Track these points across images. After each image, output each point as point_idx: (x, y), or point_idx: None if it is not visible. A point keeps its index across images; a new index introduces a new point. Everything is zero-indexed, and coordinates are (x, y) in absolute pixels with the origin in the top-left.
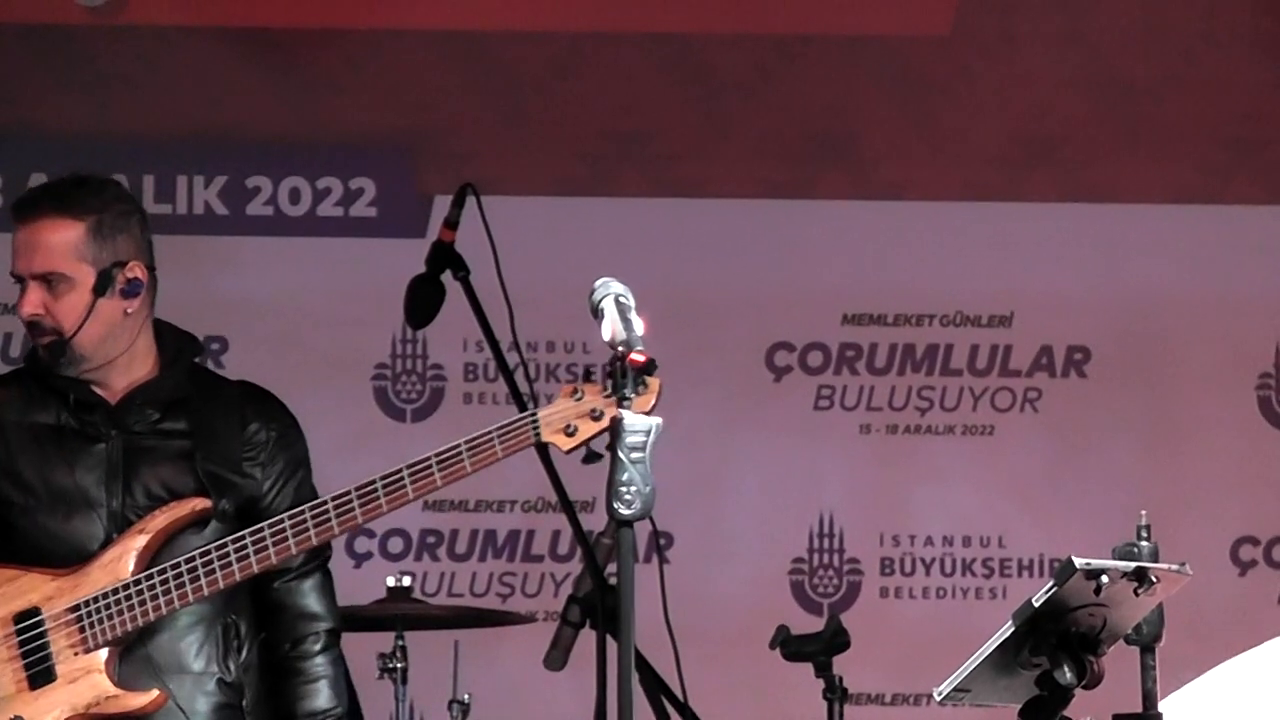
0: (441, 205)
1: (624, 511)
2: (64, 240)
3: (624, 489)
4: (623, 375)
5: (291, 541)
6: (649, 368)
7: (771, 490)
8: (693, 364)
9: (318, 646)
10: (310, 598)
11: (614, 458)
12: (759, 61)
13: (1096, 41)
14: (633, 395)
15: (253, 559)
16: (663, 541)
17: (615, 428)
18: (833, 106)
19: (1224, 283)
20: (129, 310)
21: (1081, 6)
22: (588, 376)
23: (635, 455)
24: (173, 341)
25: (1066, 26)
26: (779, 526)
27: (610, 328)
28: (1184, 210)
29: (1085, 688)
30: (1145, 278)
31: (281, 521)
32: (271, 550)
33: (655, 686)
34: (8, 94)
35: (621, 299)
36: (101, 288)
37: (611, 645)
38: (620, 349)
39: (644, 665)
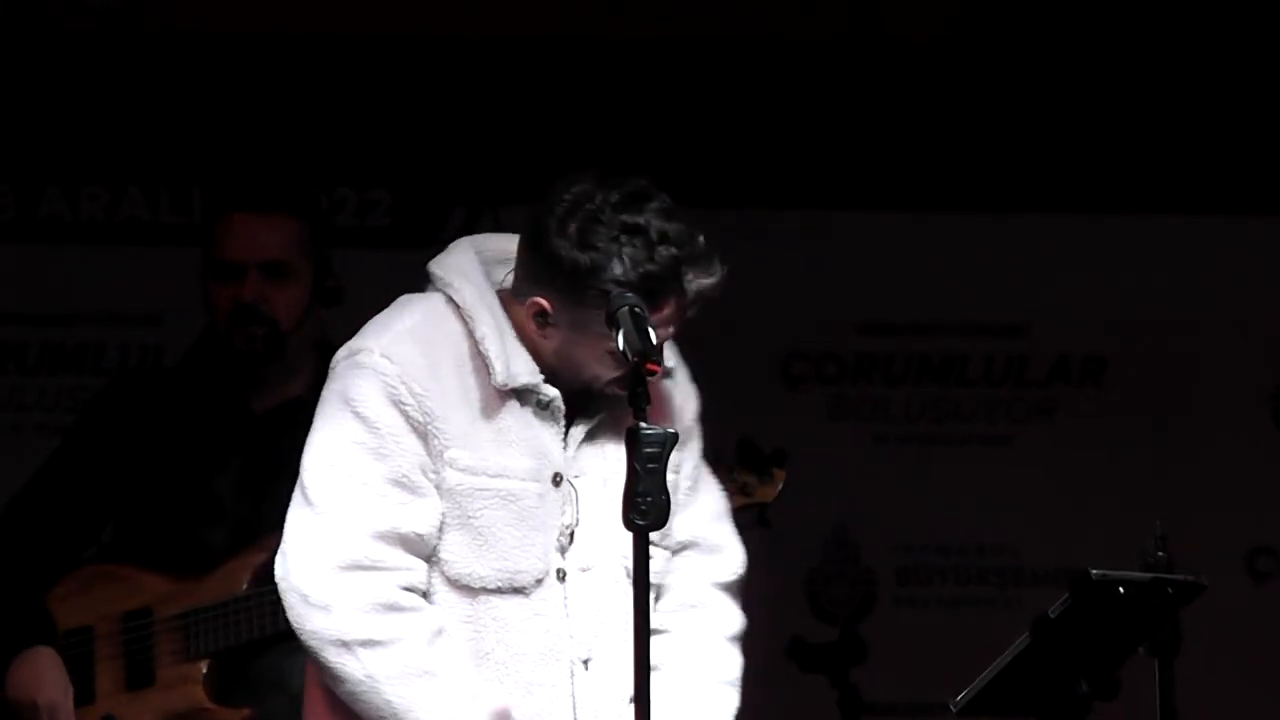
0: (458, 216)
1: (639, 521)
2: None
3: (639, 499)
4: (638, 383)
5: None
6: (779, 459)
7: (786, 500)
8: (707, 374)
9: None
10: None
11: (630, 469)
12: (773, 67)
13: (1111, 51)
14: (763, 478)
15: None
16: None
17: (632, 439)
18: (845, 114)
19: (1239, 293)
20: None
21: (1097, 15)
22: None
23: (651, 466)
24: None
25: (1082, 35)
26: (794, 536)
27: (626, 338)
28: (1200, 221)
29: (1102, 699)
30: (1161, 288)
31: None
32: None
33: None
34: (20, 102)
35: (637, 309)
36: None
37: None
38: (636, 359)
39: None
